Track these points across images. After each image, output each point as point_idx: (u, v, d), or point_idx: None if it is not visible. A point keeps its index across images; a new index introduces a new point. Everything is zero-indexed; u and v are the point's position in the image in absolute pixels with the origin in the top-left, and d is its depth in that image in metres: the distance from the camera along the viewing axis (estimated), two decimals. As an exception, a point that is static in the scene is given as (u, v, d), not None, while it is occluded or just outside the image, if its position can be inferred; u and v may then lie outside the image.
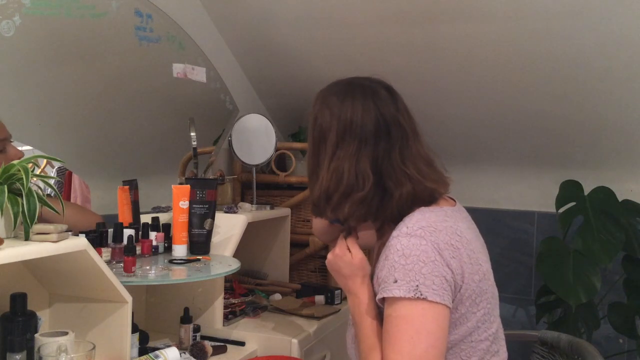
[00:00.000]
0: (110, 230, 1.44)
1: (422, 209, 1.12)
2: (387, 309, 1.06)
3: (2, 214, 1.05)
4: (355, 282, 1.16)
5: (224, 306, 1.65)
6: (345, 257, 1.18)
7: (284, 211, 2.01)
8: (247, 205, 1.89)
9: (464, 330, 1.10)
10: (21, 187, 1.06)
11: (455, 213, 1.16)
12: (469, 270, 1.07)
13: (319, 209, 1.18)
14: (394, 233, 1.09)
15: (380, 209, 1.14)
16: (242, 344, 1.57)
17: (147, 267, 1.42)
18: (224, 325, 1.63)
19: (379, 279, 1.10)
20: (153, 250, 1.56)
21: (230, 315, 1.69)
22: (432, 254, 1.04)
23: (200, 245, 1.59)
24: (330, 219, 1.22)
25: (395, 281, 1.04)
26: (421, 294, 1.01)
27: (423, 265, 1.03)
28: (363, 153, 1.12)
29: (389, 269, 1.06)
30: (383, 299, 1.08)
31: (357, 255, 1.18)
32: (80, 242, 1.10)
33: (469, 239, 1.10)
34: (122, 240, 1.42)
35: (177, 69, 1.80)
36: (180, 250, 1.56)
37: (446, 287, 1.03)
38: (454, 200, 1.23)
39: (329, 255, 1.22)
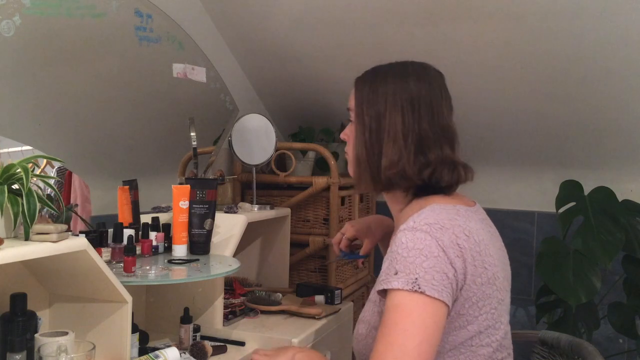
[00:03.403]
0: (110, 230, 1.44)
1: (434, 205, 1.12)
2: (387, 302, 1.06)
3: (2, 214, 1.05)
4: None
5: (224, 306, 1.65)
6: None
7: (284, 211, 2.01)
8: (247, 205, 1.89)
9: (464, 333, 1.09)
10: (21, 187, 1.07)
11: (470, 213, 1.14)
12: (471, 272, 1.06)
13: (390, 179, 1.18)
14: (401, 227, 1.09)
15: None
16: (242, 344, 1.57)
17: (147, 267, 1.42)
18: (224, 325, 1.63)
19: (382, 270, 1.09)
20: (153, 250, 1.56)
21: (230, 315, 1.69)
22: (436, 250, 1.03)
23: (200, 245, 1.59)
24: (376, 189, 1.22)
25: (396, 273, 1.04)
26: (419, 287, 1.01)
27: (425, 259, 1.03)
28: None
29: (391, 261, 1.06)
30: (384, 292, 1.07)
31: None
32: (80, 242, 1.10)
33: (477, 241, 1.09)
34: (122, 240, 1.42)
35: (177, 69, 1.80)
36: (180, 250, 1.56)
37: (446, 284, 1.03)
38: (474, 202, 1.22)
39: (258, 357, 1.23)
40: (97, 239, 1.40)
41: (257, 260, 2.08)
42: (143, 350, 1.35)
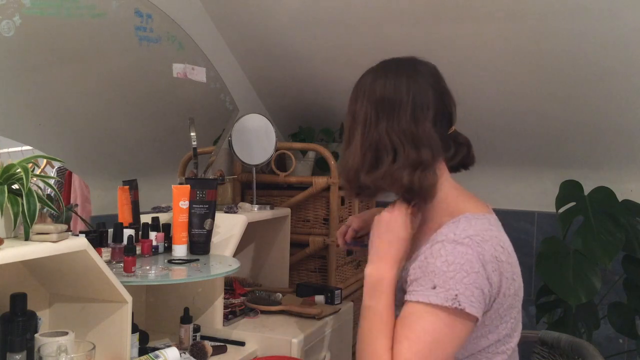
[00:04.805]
0: (110, 230, 1.44)
1: (468, 215, 1.09)
2: (417, 309, 1.03)
3: (2, 214, 1.05)
4: (398, 255, 1.10)
5: (224, 306, 1.65)
6: (405, 227, 1.11)
7: (284, 211, 2.01)
8: (247, 205, 1.89)
9: (484, 342, 1.08)
10: (21, 187, 1.07)
11: (497, 222, 1.13)
12: (505, 285, 1.05)
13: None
14: (439, 237, 1.06)
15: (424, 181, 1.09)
16: (242, 344, 1.57)
17: (147, 267, 1.42)
18: (224, 325, 1.63)
19: (411, 277, 1.06)
20: (153, 250, 1.56)
21: (230, 315, 1.69)
22: (476, 265, 1.01)
23: (200, 245, 1.59)
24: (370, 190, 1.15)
25: (434, 287, 1.01)
26: (459, 304, 0.99)
27: (465, 275, 1.00)
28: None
29: (429, 273, 1.03)
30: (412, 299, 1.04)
31: (411, 233, 1.12)
32: (80, 242, 1.10)
33: (509, 252, 1.08)
34: (122, 240, 1.42)
35: (177, 69, 1.80)
36: (180, 250, 1.56)
37: (481, 300, 1.02)
38: (487, 206, 1.19)
39: (386, 213, 1.13)
40: (97, 239, 1.40)
41: (257, 260, 2.08)
42: (143, 350, 1.35)
